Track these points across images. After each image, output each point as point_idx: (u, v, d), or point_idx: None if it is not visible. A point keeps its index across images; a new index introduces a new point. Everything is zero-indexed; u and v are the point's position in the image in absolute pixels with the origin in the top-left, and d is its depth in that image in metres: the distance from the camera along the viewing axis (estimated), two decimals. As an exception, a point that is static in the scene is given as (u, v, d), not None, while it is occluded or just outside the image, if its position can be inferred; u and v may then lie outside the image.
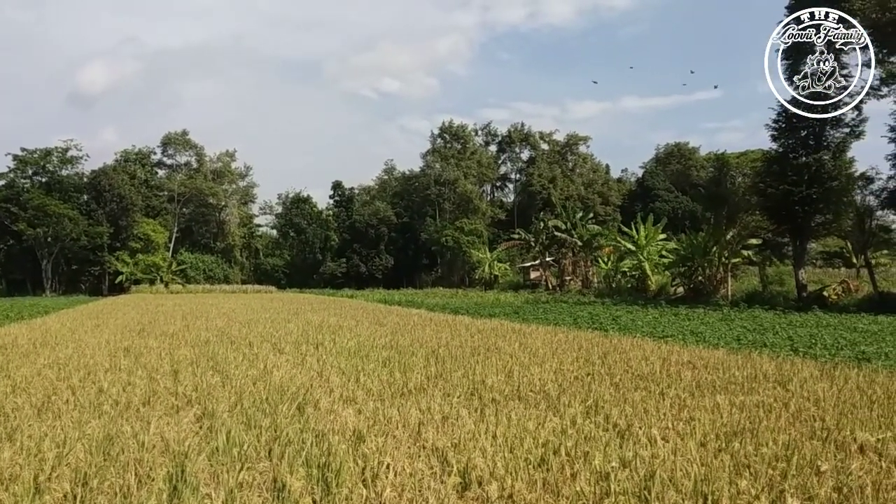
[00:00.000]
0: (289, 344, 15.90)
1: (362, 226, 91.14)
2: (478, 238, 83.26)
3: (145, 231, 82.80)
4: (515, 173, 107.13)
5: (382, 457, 5.94)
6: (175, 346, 15.70)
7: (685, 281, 41.66)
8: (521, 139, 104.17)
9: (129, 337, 18.07)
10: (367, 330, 19.77)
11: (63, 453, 6.05)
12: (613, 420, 7.53)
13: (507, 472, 5.65)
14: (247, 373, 11.07)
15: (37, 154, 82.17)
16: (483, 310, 31.29)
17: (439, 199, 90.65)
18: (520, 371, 10.95)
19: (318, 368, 11.62)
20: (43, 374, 11.03)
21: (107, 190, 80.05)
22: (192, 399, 8.93)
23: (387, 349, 14.44)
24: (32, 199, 75.13)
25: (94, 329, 21.01)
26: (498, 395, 8.93)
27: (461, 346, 15.05)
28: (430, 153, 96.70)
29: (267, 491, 5.38)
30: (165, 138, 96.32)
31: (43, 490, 5.18)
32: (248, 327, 21.22)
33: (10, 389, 9.56)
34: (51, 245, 75.26)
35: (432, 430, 6.94)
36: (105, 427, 7.14)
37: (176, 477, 5.47)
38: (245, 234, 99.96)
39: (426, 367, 11.46)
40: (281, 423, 7.22)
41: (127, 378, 10.58)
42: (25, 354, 14.09)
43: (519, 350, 14.10)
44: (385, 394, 9.20)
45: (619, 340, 16.16)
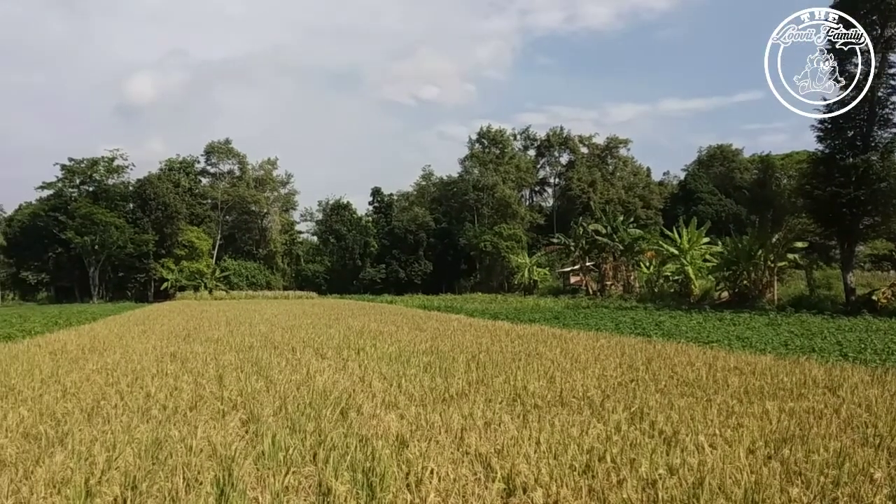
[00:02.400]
0: (330, 349, 16.01)
1: (401, 231, 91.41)
2: (517, 243, 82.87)
3: (189, 238, 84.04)
4: (554, 177, 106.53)
5: (426, 462, 5.94)
6: (220, 351, 15.91)
7: (730, 285, 40.94)
8: (560, 143, 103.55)
9: (175, 342, 18.36)
10: (408, 335, 19.81)
11: (113, 457, 6.16)
12: (659, 427, 7.43)
13: (552, 479, 5.61)
14: (290, 378, 11.16)
15: (84, 164, 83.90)
16: (523, 315, 31.16)
17: (478, 204, 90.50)
18: (562, 377, 10.87)
19: (360, 373, 11.67)
20: (92, 380, 11.25)
21: (152, 198, 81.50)
22: (237, 404, 9.04)
23: (427, 354, 14.45)
24: (80, 207, 76.77)
25: (141, 335, 21.38)
26: (540, 401, 8.87)
27: (502, 351, 15.00)
28: (469, 158, 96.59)
29: (312, 495, 5.43)
30: (209, 147, 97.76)
31: (94, 494, 5.28)
32: (290, 333, 21.41)
33: (61, 394, 9.77)
34: (98, 253, 76.80)
35: (475, 436, 6.92)
36: (153, 431, 7.26)
37: (223, 481, 5.53)
38: (286, 241, 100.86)
39: (467, 373, 11.44)
40: (325, 428, 7.27)
41: (174, 383, 10.74)
42: (75, 360, 14.39)
43: (560, 356, 14.00)
44: (427, 399, 9.20)
45: (663, 346, 15.96)
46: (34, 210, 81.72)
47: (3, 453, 6.43)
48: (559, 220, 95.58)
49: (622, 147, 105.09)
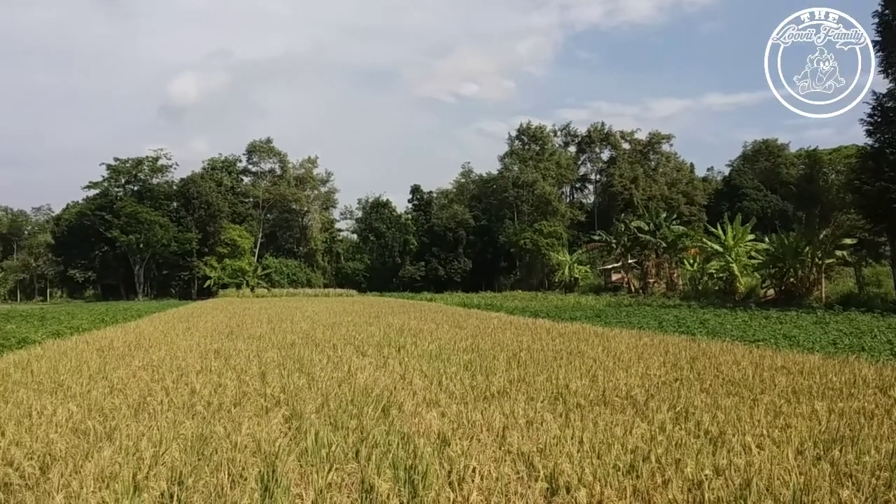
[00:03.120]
0: (371, 347, 16.08)
1: (440, 229, 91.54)
2: (557, 240, 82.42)
3: (232, 237, 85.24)
4: (595, 174, 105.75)
5: (468, 460, 5.91)
6: (262, 348, 16.07)
7: (776, 283, 40.19)
8: (602, 139, 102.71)
9: (219, 339, 18.60)
10: (448, 333, 19.81)
11: (159, 453, 6.24)
12: (705, 427, 7.32)
13: (596, 479, 5.55)
14: (331, 375, 11.23)
15: (129, 163, 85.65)
16: (563, 313, 30.97)
17: (517, 201, 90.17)
18: (604, 375, 10.76)
19: (401, 371, 11.69)
20: (138, 376, 11.44)
21: (195, 197, 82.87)
22: (280, 400, 9.11)
23: (468, 352, 14.43)
24: (125, 206, 78.36)
25: (185, 332, 21.70)
26: (583, 400, 8.79)
27: (543, 349, 14.91)
28: (508, 155, 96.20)
29: (355, 492, 5.43)
30: (250, 146, 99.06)
31: (141, 488, 5.35)
32: (331, 330, 21.55)
33: (108, 390, 9.95)
34: (143, 251, 78.34)
35: (517, 435, 6.87)
36: (198, 427, 7.35)
37: (267, 477, 5.57)
38: (326, 239, 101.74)
39: (508, 371, 11.39)
40: (367, 425, 7.29)
41: (217, 379, 10.87)
42: (121, 356, 14.65)
43: (602, 354, 13.87)
44: (468, 397, 9.18)
45: (708, 345, 15.70)
46: (81, 209, 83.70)
47: (53, 448, 6.56)
48: (600, 216, 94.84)
49: (665, 142, 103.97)
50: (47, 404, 8.66)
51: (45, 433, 7.12)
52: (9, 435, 7.03)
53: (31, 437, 6.94)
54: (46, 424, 7.56)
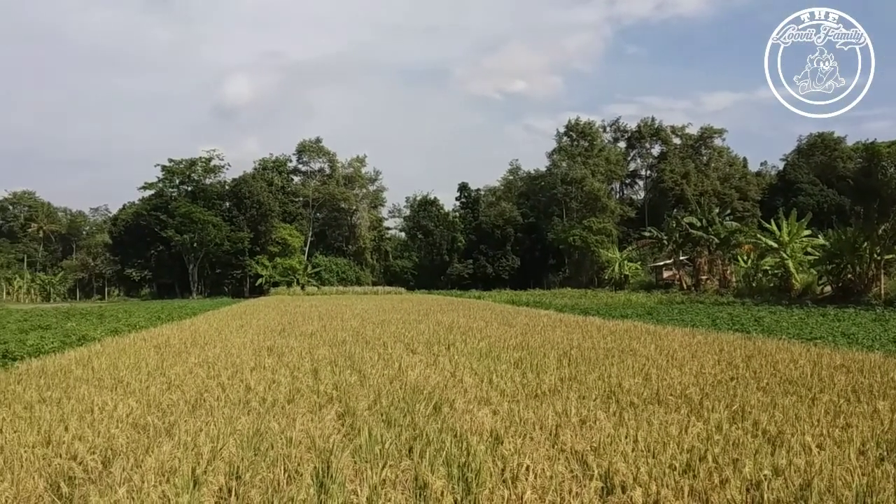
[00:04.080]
0: (421, 344, 16.13)
1: (488, 227, 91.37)
2: (607, 237, 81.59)
3: (282, 236, 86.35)
4: (646, 169, 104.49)
5: (521, 458, 5.90)
6: (314, 345, 16.25)
7: (833, 279, 39.16)
8: (652, 134, 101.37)
9: (272, 337, 18.86)
10: (497, 331, 19.77)
11: (217, 448, 6.36)
12: (762, 426, 7.20)
13: (651, 478, 5.51)
14: (383, 372, 11.30)
15: (183, 164, 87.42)
16: (614, 311, 30.66)
17: (566, 198, 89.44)
18: (657, 374, 10.63)
19: (451, 369, 11.70)
20: (194, 373, 11.67)
21: (247, 197, 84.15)
22: (332, 397, 9.21)
23: (518, 350, 14.39)
24: (179, 206, 79.97)
25: (239, 329, 22.06)
26: (636, 399, 8.69)
27: (594, 347, 14.78)
28: (556, 152, 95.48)
29: (409, 489, 5.46)
30: (300, 146, 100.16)
31: (200, 483, 5.46)
32: (381, 328, 21.69)
33: (166, 387, 10.17)
34: (196, 250, 79.87)
35: (570, 433, 6.83)
36: (254, 423, 7.47)
37: (322, 473, 5.64)
38: (375, 237, 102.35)
39: (559, 369, 11.33)
40: (419, 423, 7.32)
41: (271, 376, 11.03)
42: (178, 353, 14.95)
43: (655, 352, 13.70)
44: (519, 395, 9.15)
45: (764, 343, 15.39)
46: (137, 209, 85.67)
47: (114, 442, 6.73)
48: (651, 213, 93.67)
49: (717, 137, 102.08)
50: (108, 400, 8.89)
51: (107, 428, 7.31)
52: (72, 430, 7.23)
53: (93, 432, 7.14)
54: (108, 420, 7.76)
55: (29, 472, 5.78)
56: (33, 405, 8.73)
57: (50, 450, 6.53)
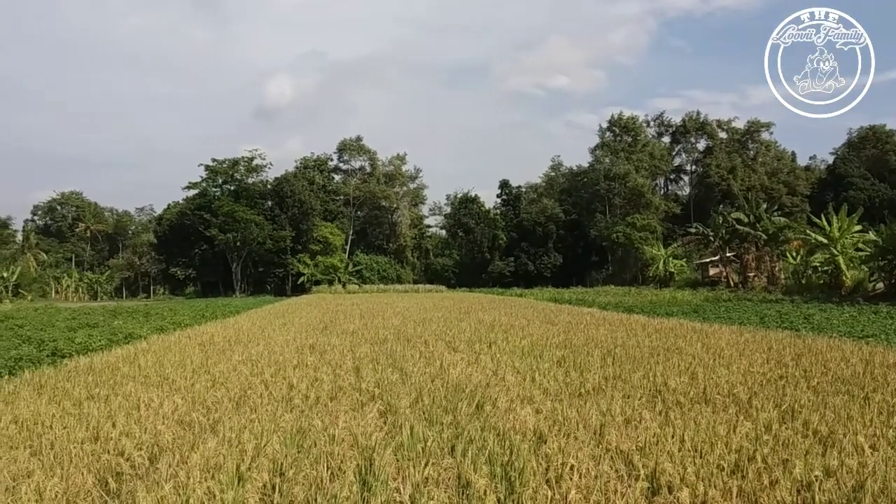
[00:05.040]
0: (462, 342, 16.08)
1: (530, 224, 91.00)
2: (651, 234, 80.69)
3: (324, 234, 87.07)
4: (691, 165, 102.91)
5: (565, 458, 5.83)
6: (356, 343, 16.32)
7: (886, 276, 38.10)
8: (697, 128, 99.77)
9: (314, 335, 18.99)
10: (539, 329, 19.64)
11: (261, 445, 6.40)
12: (813, 426, 7.03)
13: (699, 478, 5.42)
14: (424, 370, 11.28)
15: (225, 164, 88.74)
16: (659, 308, 30.25)
17: (609, 194, 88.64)
18: (704, 373, 10.43)
19: (493, 367, 11.64)
20: (238, 370, 11.78)
21: (289, 196, 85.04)
22: (374, 395, 9.21)
23: (560, 348, 14.26)
24: (222, 206, 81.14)
25: (281, 327, 22.28)
26: (682, 398, 8.54)
27: (638, 346, 14.59)
28: (599, 147, 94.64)
29: (452, 487, 5.42)
30: (341, 145, 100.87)
31: (245, 479, 5.49)
32: (422, 326, 21.70)
33: (211, 384, 10.28)
34: (239, 249, 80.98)
35: (615, 432, 6.73)
36: (297, 421, 7.50)
37: (365, 470, 5.63)
38: (416, 235, 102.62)
39: (603, 368, 11.19)
40: (461, 421, 7.28)
41: (314, 374, 11.10)
42: (222, 351, 15.14)
43: (701, 350, 13.46)
44: (562, 394, 9.05)
45: (814, 341, 15.02)
46: (181, 209, 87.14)
47: (160, 439, 6.81)
48: (696, 209, 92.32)
49: (764, 131, 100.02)
50: (154, 397, 9.02)
51: (153, 425, 7.41)
52: (119, 426, 7.35)
53: (139, 429, 7.24)
54: (154, 416, 7.87)
55: (78, 468, 5.88)
56: (82, 402, 8.89)
57: (98, 446, 6.63)
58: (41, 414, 8.09)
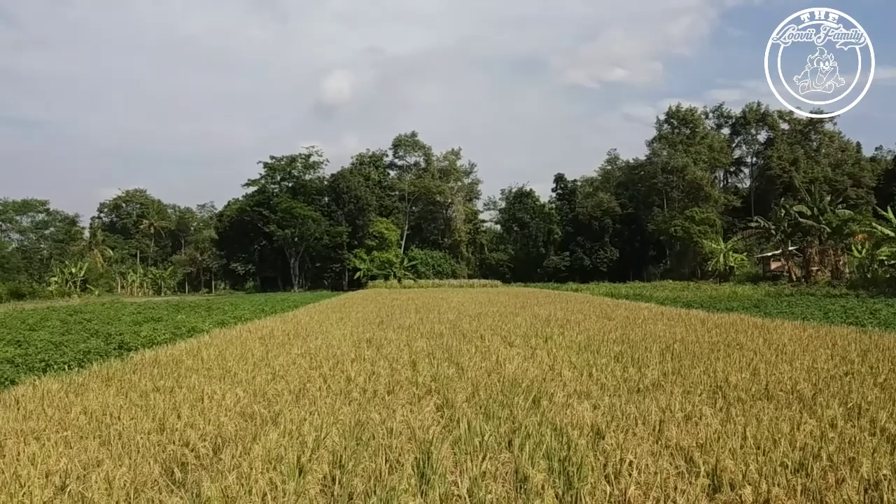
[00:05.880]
0: (518, 337, 16.05)
1: (585, 218, 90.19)
2: (710, 227, 79.15)
3: (379, 229, 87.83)
4: (751, 157, 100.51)
5: (623, 454, 5.78)
6: (412, 338, 16.42)
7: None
8: (758, 120, 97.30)
9: (370, 329, 19.18)
10: (596, 324, 19.47)
11: (321, 437, 6.50)
12: (881, 424, 6.84)
13: (762, 476, 5.33)
14: (480, 365, 11.30)
15: (283, 161, 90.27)
16: (718, 303, 29.67)
17: (667, 187, 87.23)
18: (766, 369, 10.22)
19: (549, 362, 11.59)
20: (297, 363, 11.98)
21: (345, 192, 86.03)
22: (431, 389, 9.28)
23: (618, 344, 14.12)
24: (281, 202, 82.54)
25: (339, 322, 22.54)
26: (744, 394, 8.38)
27: (698, 341, 14.35)
28: (657, 140, 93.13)
29: (510, 481, 5.43)
30: (396, 140, 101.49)
31: (306, 471, 5.59)
32: (477, 321, 21.72)
33: (271, 377, 10.48)
34: (297, 244, 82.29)
35: (674, 429, 6.65)
36: (355, 414, 7.60)
37: (423, 463, 5.68)
38: (470, 230, 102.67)
39: (661, 363, 11.05)
40: (518, 416, 7.28)
41: (371, 368, 11.22)
42: (281, 345, 15.40)
43: (763, 346, 13.17)
44: (620, 389, 8.97)
45: (881, 337, 14.53)
46: (241, 206, 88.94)
47: (223, 430, 6.97)
48: (757, 202, 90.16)
49: (827, 121, 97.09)
50: (217, 389, 9.23)
51: (216, 416, 7.59)
52: (184, 417, 7.55)
53: (203, 420, 7.42)
54: (217, 408, 8.05)
55: (145, 458, 6.05)
56: (148, 394, 9.15)
57: (164, 436, 6.82)
58: (109, 405, 8.35)
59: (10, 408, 8.41)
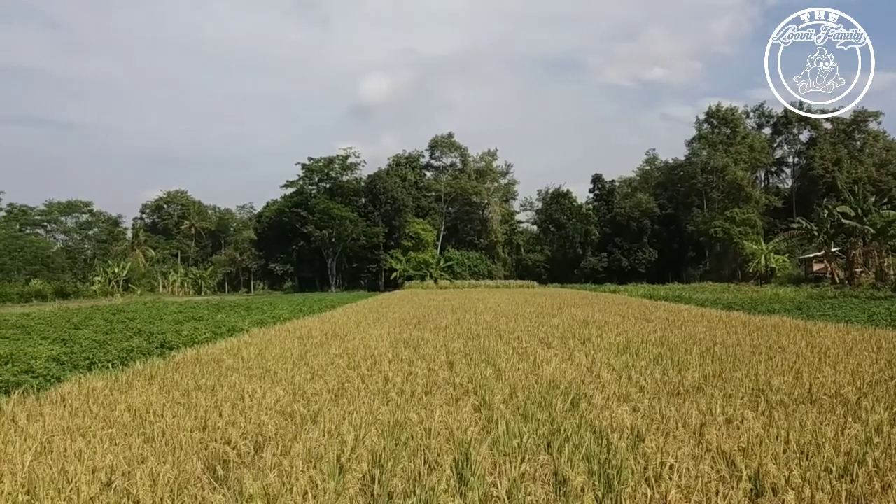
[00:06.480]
0: (555, 339, 16.00)
1: (623, 219, 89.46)
2: (751, 228, 78.02)
3: (416, 230, 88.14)
4: (793, 156, 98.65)
5: (664, 457, 5.74)
6: (448, 338, 16.45)
7: None
8: (800, 119, 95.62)
9: (407, 330, 19.25)
10: (634, 326, 19.32)
11: (360, 437, 6.56)
12: (929, 429, 6.65)
13: (805, 481, 5.25)
14: (517, 366, 11.28)
15: (321, 162, 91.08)
16: (760, 306, 29.21)
17: (706, 188, 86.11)
18: (809, 372, 10.05)
19: (588, 364, 11.53)
20: (335, 363, 12.08)
21: (381, 192, 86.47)
22: (468, 390, 9.29)
23: (657, 346, 14.00)
24: (318, 203, 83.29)
25: (376, 322, 22.67)
26: (786, 398, 8.25)
27: (739, 343, 14.16)
28: (696, 140, 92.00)
29: (549, 484, 5.42)
30: (433, 141, 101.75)
31: (345, 470, 5.64)
32: (514, 322, 21.68)
33: (310, 376, 10.58)
34: (335, 245, 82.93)
35: (715, 432, 6.58)
36: (393, 414, 7.65)
37: (461, 464, 5.69)
38: (507, 231, 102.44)
39: (702, 366, 10.93)
40: (556, 418, 7.26)
41: (408, 368, 11.27)
42: (320, 345, 15.54)
43: (806, 349, 12.95)
44: (660, 392, 8.89)
45: (929, 340, 14.22)
46: (280, 206, 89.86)
47: (264, 429, 7.07)
48: (799, 202, 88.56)
49: (872, 120, 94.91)
50: (257, 388, 9.35)
51: (257, 415, 7.69)
52: (225, 416, 7.66)
53: (244, 419, 7.52)
54: (257, 407, 8.16)
55: (188, 455, 6.15)
56: (190, 392, 9.30)
57: (206, 434, 6.93)
58: (153, 403, 8.50)
59: (56, 405, 8.60)
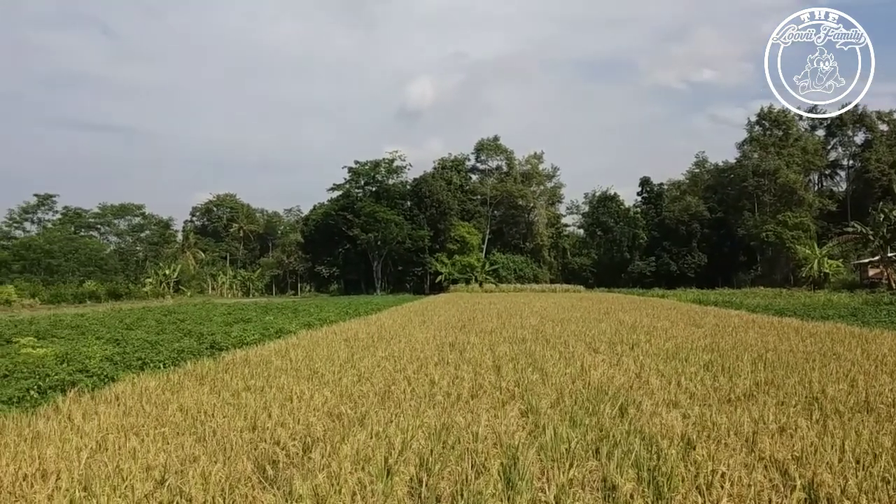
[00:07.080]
0: (603, 343, 15.85)
1: (672, 222, 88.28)
2: (804, 232, 76.36)
3: (461, 233, 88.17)
4: (848, 159, 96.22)
5: (715, 465, 5.65)
6: (494, 342, 16.42)
7: None
8: (855, 121, 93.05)
9: (453, 333, 19.27)
10: (684, 331, 19.04)
11: (407, 440, 6.58)
12: None
13: (861, 491, 5.13)
14: (564, 371, 11.21)
15: (367, 166, 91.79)
16: (813, 312, 28.54)
17: (758, 191, 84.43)
18: (865, 380, 9.79)
19: (636, 370, 11.40)
20: (382, 366, 12.15)
21: (427, 196, 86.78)
22: (514, 394, 9.26)
23: (707, 352, 13.78)
24: (364, 206, 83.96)
25: (421, 325, 22.73)
26: (841, 406, 8.06)
27: (792, 350, 13.86)
28: (747, 142, 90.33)
29: (597, 490, 5.37)
30: (478, 144, 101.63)
31: (393, 472, 5.67)
32: (560, 326, 21.54)
33: (357, 378, 10.66)
34: (380, 248, 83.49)
35: (768, 440, 6.45)
36: (440, 417, 7.66)
37: (508, 469, 5.67)
38: (553, 234, 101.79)
39: (754, 373, 10.73)
40: (605, 423, 7.19)
41: (454, 371, 11.28)
42: (366, 347, 15.65)
43: (862, 357, 12.62)
44: (710, 399, 8.75)
45: None
46: (326, 210, 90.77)
47: (312, 430, 7.14)
48: (854, 206, 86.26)
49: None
50: (305, 389, 9.46)
51: (305, 416, 7.78)
52: (274, 416, 7.76)
53: (293, 419, 7.61)
54: (306, 408, 8.25)
55: (238, 455, 6.25)
56: (239, 393, 9.45)
57: (255, 434, 7.03)
58: (203, 403, 8.66)
59: (111, 404, 8.80)
